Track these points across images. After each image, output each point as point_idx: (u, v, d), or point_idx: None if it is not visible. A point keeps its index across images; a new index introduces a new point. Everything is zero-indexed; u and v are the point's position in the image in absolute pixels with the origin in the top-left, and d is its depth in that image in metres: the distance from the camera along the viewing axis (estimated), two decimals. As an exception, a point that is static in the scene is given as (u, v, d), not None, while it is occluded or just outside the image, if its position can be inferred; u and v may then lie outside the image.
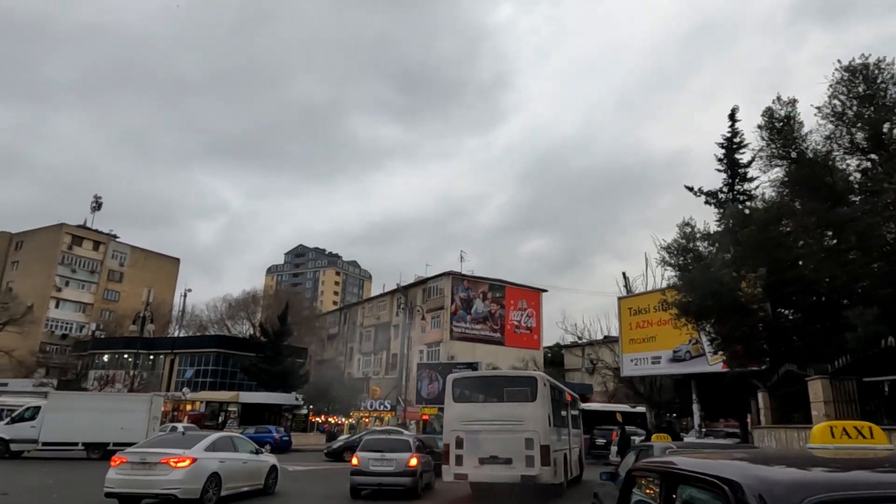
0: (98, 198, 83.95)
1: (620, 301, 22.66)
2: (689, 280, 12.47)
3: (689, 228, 12.96)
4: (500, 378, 14.61)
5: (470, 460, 12.67)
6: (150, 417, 24.55)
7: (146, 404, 25.08)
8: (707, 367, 18.77)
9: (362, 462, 13.79)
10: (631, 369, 21.50)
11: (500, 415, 12.78)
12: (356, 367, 64.50)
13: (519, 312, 55.99)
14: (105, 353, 54.05)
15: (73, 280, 75.86)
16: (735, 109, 23.43)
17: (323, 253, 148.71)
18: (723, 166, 22.96)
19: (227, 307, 68.23)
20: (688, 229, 12.93)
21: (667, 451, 6.21)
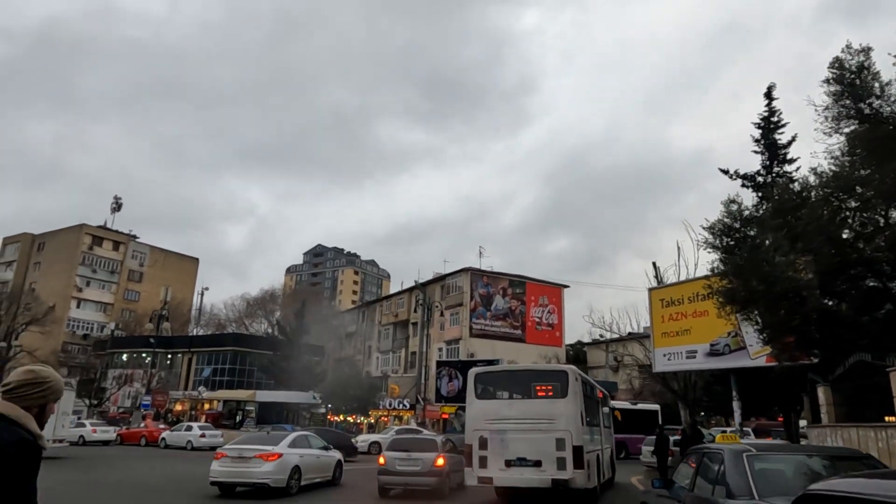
0: (118, 199, 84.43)
1: (651, 292, 21.32)
2: (736, 264, 11.19)
3: (734, 206, 11.67)
4: (527, 372, 13.42)
5: (495, 462, 11.55)
6: (59, 413, 22.41)
7: None
8: (749, 362, 17.41)
9: (389, 461, 13.64)
10: (664, 364, 20.16)
11: (529, 412, 11.63)
12: (374, 366, 63.69)
13: (540, 309, 54.65)
14: (124, 352, 53.95)
15: (93, 280, 76.32)
16: (772, 87, 22.00)
17: (341, 252, 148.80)
18: (760, 147, 21.53)
19: (246, 306, 67.98)
20: (734, 207, 11.64)
21: (745, 455, 5.05)
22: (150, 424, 36.87)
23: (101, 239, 78.25)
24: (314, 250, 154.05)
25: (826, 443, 11.01)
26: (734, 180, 21.33)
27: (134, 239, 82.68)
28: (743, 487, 4.77)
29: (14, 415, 2.31)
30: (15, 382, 2.40)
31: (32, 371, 2.48)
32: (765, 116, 21.59)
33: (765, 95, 21.99)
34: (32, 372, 2.47)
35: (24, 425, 2.32)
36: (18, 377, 2.43)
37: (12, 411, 2.32)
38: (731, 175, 21.29)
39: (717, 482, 5.26)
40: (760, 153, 21.39)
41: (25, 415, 2.34)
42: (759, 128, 21.72)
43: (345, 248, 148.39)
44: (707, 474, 5.78)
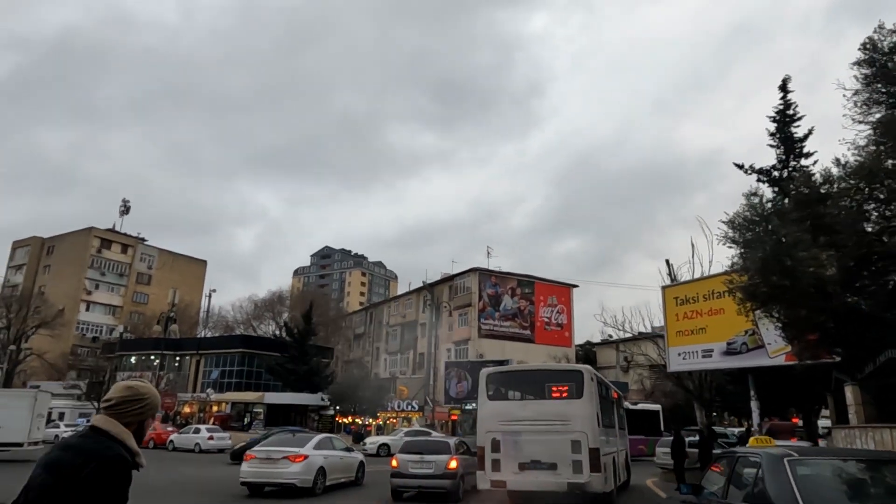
0: (126, 202, 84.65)
1: (665, 290, 20.84)
2: (757, 259, 10.73)
3: (756, 199, 11.22)
4: (541, 372, 13.03)
5: (508, 465, 11.17)
6: (35, 416, 22.32)
7: (29, 401, 22.81)
8: (767, 361, 16.90)
9: (401, 464, 13.63)
10: (678, 364, 19.68)
11: (543, 414, 11.24)
12: (383, 367, 63.40)
13: (549, 309, 54.15)
14: (132, 354, 53.95)
15: (102, 283, 76.52)
16: (787, 79, 21.46)
17: (349, 254, 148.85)
18: (776, 141, 21.02)
19: (253, 308, 67.91)
20: (755, 200, 11.19)
21: (786, 460, 4.63)
22: (159, 427, 36.71)
23: (110, 242, 78.48)
24: (321, 252, 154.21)
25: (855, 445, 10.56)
26: (749, 175, 20.86)
27: (142, 242, 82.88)
28: (785, 497, 4.34)
29: (115, 431, 2.31)
30: (116, 399, 2.40)
31: (132, 387, 2.47)
32: (780, 109, 21.08)
33: (780, 88, 21.48)
34: (132, 388, 2.46)
35: (124, 441, 2.32)
36: (119, 393, 2.42)
37: (113, 427, 2.32)
38: (746, 170, 20.81)
39: (754, 490, 4.84)
40: (776, 147, 20.88)
41: (125, 431, 2.34)
42: (775, 121, 21.22)
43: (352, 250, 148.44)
44: (741, 481, 5.36)
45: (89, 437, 2.31)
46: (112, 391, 2.46)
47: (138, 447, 2.39)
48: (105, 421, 2.34)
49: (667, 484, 18.38)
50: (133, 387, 2.48)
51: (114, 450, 2.26)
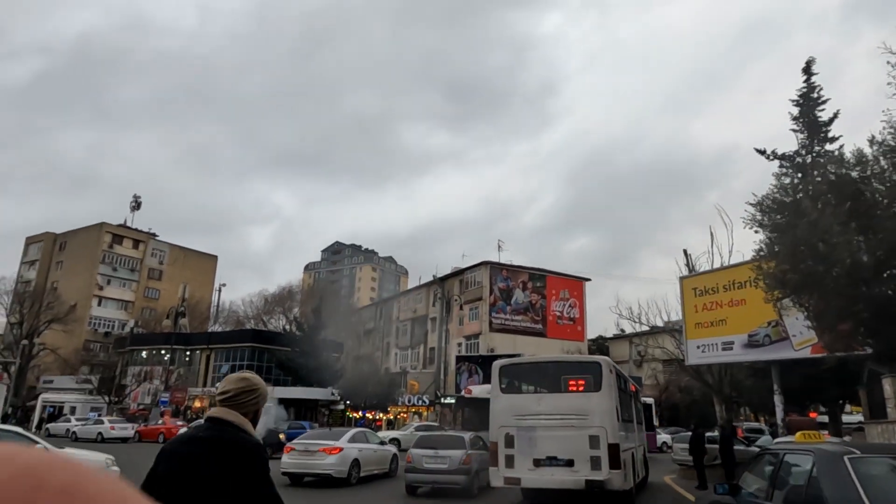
0: (137, 197, 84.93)
1: (683, 281, 20.14)
2: (789, 243, 10.07)
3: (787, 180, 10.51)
4: (556, 364, 12.43)
5: (523, 462, 10.63)
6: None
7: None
8: (792, 353, 16.20)
9: (415, 459, 13.53)
10: (697, 357, 19.01)
11: (559, 408, 10.67)
12: (393, 362, 63.08)
13: (561, 303, 53.46)
14: (143, 349, 54.02)
15: (114, 278, 76.79)
16: (811, 61, 20.62)
17: (359, 249, 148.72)
18: (799, 125, 20.22)
19: (264, 302, 67.83)
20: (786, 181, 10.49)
21: (847, 458, 4.04)
22: (169, 421, 36.59)
23: (121, 237, 78.72)
24: (332, 248, 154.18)
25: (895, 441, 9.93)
26: (771, 161, 20.09)
27: (153, 237, 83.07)
28: (849, 500, 3.77)
29: (238, 421, 2.38)
30: (234, 390, 2.45)
31: (246, 378, 2.53)
32: (804, 93, 20.27)
33: (803, 71, 20.65)
34: (246, 379, 2.52)
35: (248, 431, 2.39)
36: (236, 385, 2.48)
37: (236, 418, 2.39)
38: (769, 155, 20.04)
39: (807, 492, 4.26)
40: (799, 131, 20.10)
41: (246, 421, 2.42)
42: (798, 105, 20.42)
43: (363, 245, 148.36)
44: (788, 481, 4.78)
45: (215, 428, 2.36)
46: (228, 383, 2.51)
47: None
48: (226, 412, 2.40)
49: (686, 482, 17.76)
50: (247, 378, 2.54)
51: (251, 439, 2.36)
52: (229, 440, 2.29)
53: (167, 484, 2.20)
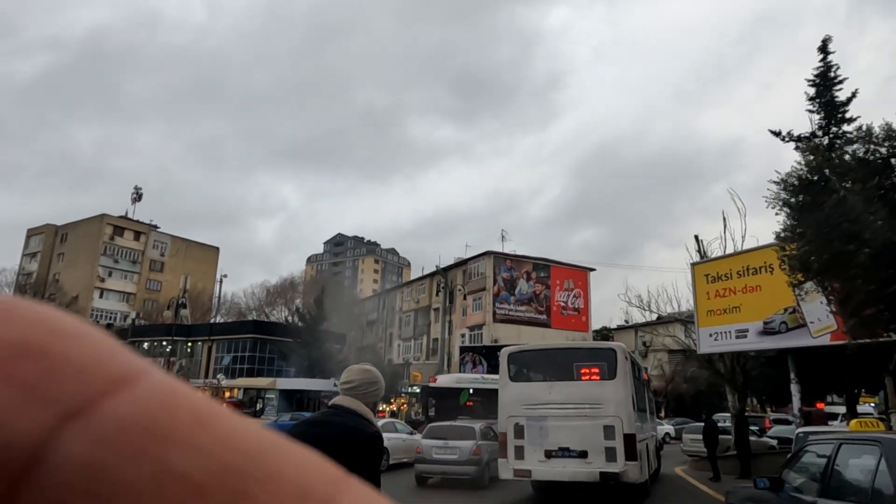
0: (138, 189, 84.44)
1: (694, 267, 19.54)
2: (815, 223, 9.47)
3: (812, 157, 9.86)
4: (568, 351, 11.86)
5: (534, 453, 10.11)
6: None
7: None
8: (810, 341, 15.61)
9: (425, 450, 13.42)
10: (710, 345, 18.44)
11: (572, 396, 10.13)
12: (396, 353, 62.71)
13: (566, 293, 52.90)
14: (144, 340, 53.67)
15: (115, 270, 76.48)
16: (827, 40, 19.86)
17: (362, 242, 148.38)
18: (815, 106, 19.48)
19: (266, 294, 67.43)
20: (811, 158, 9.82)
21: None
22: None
23: (123, 229, 78.33)
24: (334, 239, 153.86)
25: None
26: (787, 142, 19.32)
27: (155, 229, 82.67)
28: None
29: (361, 410, 2.48)
30: (357, 381, 2.55)
31: (368, 370, 2.63)
32: (821, 72, 19.50)
33: (819, 50, 19.86)
34: (368, 371, 2.62)
35: (371, 420, 2.51)
36: (360, 376, 2.57)
37: (359, 407, 2.49)
38: (784, 136, 19.30)
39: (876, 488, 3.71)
40: (815, 112, 19.35)
41: (368, 410, 2.52)
42: (814, 85, 19.67)
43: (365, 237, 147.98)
44: (846, 476, 4.23)
45: (341, 415, 2.45)
46: (351, 374, 2.60)
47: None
48: (350, 401, 2.49)
49: (698, 473, 17.27)
50: (369, 370, 2.64)
51: (373, 427, 2.47)
52: (354, 427, 2.40)
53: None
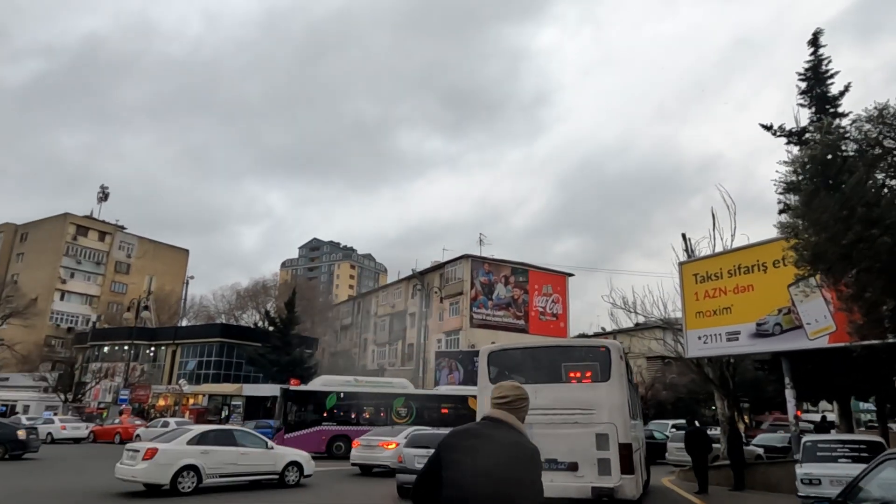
0: (104, 188, 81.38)
1: (682, 267, 18.60)
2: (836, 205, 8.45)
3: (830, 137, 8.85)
4: (556, 349, 10.62)
5: (516, 466, 8.87)
6: None
7: None
8: (807, 343, 14.71)
9: (406, 459, 13.01)
10: (698, 349, 17.47)
11: (560, 401, 8.94)
12: (371, 359, 61.03)
13: (544, 298, 51.97)
14: (105, 344, 51.12)
15: (78, 272, 73.38)
16: (818, 33, 19.28)
17: (337, 246, 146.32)
18: (806, 100, 18.85)
19: (236, 297, 65.18)
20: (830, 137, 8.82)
21: None
22: (126, 420, 34.14)
23: (87, 229, 75.28)
24: (310, 244, 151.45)
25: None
26: (778, 137, 18.69)
27: (121, 229, 79.71)
28: None
29: (517, 426, 2.62)
30: (512, 396, 2.69)
31: (519, 387, 2.77)
32: (812, 66, 18.89)
33: (809, 43, 19.31)
34: (519, 388, 2.76)
35: (525, 434, 2.63)
36: (514, 392, 2.71)
37: (515, 422, 2.62)
38: (775, 131, 18.63)
39: None
40: (807, 106, 18.73)
41: (522, 426, 2.65)
42: (805, 79, 19.06)
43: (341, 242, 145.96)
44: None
45: (498, 428, 2.56)
46: (504, 390, 2.72)
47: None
48: (506, 415, 2.61)
49: (688, 484, 16.19)
50: (519, 386, 2.77)
51: (531, 442, 2.57)
52: (517, 440, 2.50)
53: (455, 471, 2.38)
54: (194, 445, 13.07)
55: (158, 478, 12.45)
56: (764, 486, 14.31)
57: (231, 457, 13.52)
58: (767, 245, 16.25)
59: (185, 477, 12.66)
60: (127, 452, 13.05)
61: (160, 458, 12.42)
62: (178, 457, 12.67)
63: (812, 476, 9.34)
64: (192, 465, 12.77)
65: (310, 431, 24.09)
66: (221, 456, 13.34)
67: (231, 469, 13.51)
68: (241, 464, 13.73)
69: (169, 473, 12.44)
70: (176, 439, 13.18)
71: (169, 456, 12.56)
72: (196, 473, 12.81)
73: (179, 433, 13.72)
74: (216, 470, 13.19)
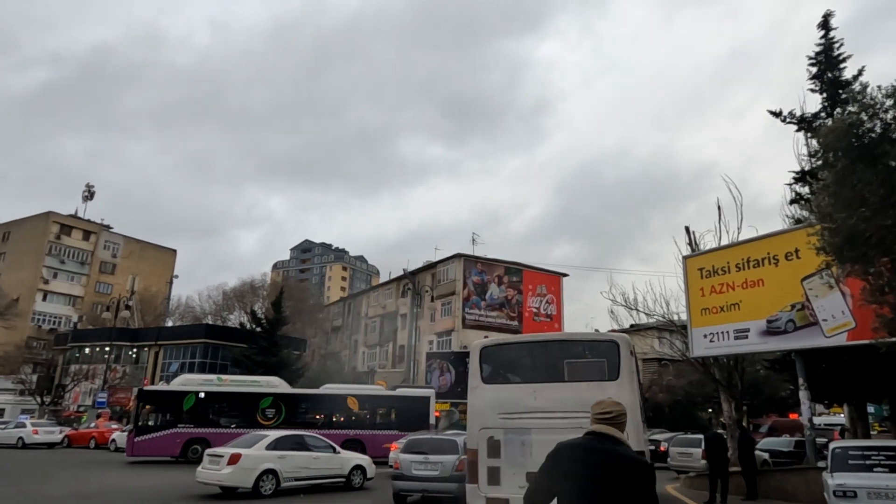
0: (90, 186, 79.73)
1: (686, 261, 17.53)
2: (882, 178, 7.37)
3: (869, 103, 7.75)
4: (557, 344, 9.40)
5: (513, 477, 7.71)
6: None
7: None
8: (823, 341, 13.66)
9: (403, 465, 12.42)
10: (705, 348, 16.39)
11: (562, 402, 7.79)
12: (361, 361, 59.72)
13: (538, 298, 50.90)
14: (85, 345, 49.55)
15: (61, 272, 71.62)
16: (829, 15, 18.31)
17: (329, 248, 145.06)
18: (817, 85, 17.88)
19: (222, 297, 63.70)
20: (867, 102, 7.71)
21: None
22: (103, 425, 32.69)
23: (70, 228, 73.55)
24: (301, 246, 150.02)
25: None
26: (787, 123, 17.70)
27: (107, 229, 78.02)
28: None
29: (623, 439, 2.68)
30: (615, 412, 2.74)
31: (619, 403, 2.82)
32: (823, 49, 17.91)
33: (820, 26, 18.35)
34: (619, 404, 2.81)
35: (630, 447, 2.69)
36: (615, 407, 2.77)
37: (621, 436, 2.68)
38: (784, 117, 17.64)
39: None
40: (818, 92, 17.74)
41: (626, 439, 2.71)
42: (814, 64, 18.09)
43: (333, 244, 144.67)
44: None
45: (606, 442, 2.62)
46: (606, 406, 2.76)
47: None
48: (611, 430, 2.67)
49: (693, 492, 15.10)
50: (619, 402, 2.82)
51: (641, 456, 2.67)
52: (630, 454, 2.58)
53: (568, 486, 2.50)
54: (272, 451, 13.80)
55: (242, 481, 13.10)
56: (779, 494, 13.23)
57: (304, 461, 14.24)
58: (779, 236, 15.22)
59: (266, 480, 13.40)
60: (208, 457, 13.65)
61: (244, 462, 13.09)
62: (260, 461, 13.41)
63: (847, 487, 8.28)
64: (272, 470, 13.54)
65: (163, 434, 22.64)
66: (296, 460, 14.10)
67: (304, 472, 14.18)
68: (313, 467, 14.40)
69: (252, 477, 13.15)
70: (255, 445, 13.82)
71: (251, 461, 13.26)
72: (275, 477, 13.57)
73: (256, 439, 14.38)
74: (292, 473, 13.93)
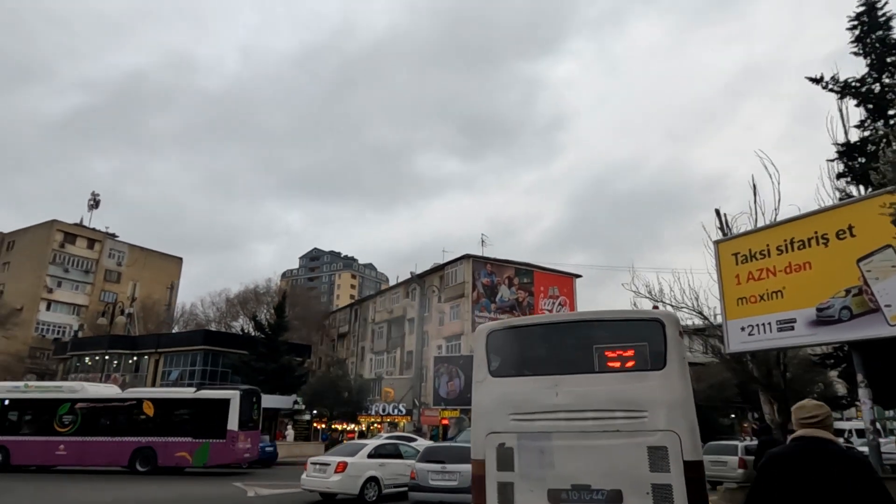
0: (95, 195, 79.10)
1: (718, 246, 15.66)
2: None
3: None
4: (584, 325, 7.37)
5: (529, 494, 5.92)
6: None
7: None
8: (888, 330, 11.76)
9: (420, 475, 12.32)
10: (742, 341, 14.50)
11: (593, 399, 6.00)
12: (368, 368, 58.02)
13: (550, 300, 49.00)
14: (85, 354, 48.33)
15: (65, 280, 70.75)
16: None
17: (338, 256, 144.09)
18: (860, 48, 16.07)
19: (226, 304, 62.38)
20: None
21: None
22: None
23: (75, 237, 72.80)
24: (310, 254, 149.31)
25: None
26: (827, 90, 15.85)
27: (112, 237, 77.20)
28: None
29: (837, 439, 2.73)
30: (822, 414, 2.81)
31: (823, 405, 2.86)
32: (865, 9, 16.10)
33: (860, -16, 16.54)
34: (823, 405, 2.86)
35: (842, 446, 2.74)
36: (821, 410, 2.83)
37: (834, 438, 2.74)
38: (826, 83, 15.80)
39: None
40: (863, 55, 15.92)
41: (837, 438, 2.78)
42: (856, 26, 16.28)
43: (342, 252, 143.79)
44: None
45: (827, 446, 2.70)
46: (811, 409, 2.85)
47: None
48: (823, 432, 2.74)
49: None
50: (823, 405, 2.87)
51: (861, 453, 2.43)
52: (857, 455, 2.63)
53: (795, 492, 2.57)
54: (373, 459, 14.56)
55: (349, 488, 13.80)
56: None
57: (400, 468, 14.64)
58: (828, 212, 13.36)
59: (370, 487, 14.11)
60: (313, 466, 14.34)
61: (350, 470, 13.81)
62: (364, 469, 14.16)
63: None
64: (374, 477, 14.25)
65: None
66: (393, 468, 14.70)
67: (400, 480, 14.40)
68: (406, 474, 14.47)
69: (358, 484, 13.88)
70: (357, 453, 14.52)
71: (357, 468, 14.02)
72: (377, 484, 14.26)
73: (356, 447, 15.16)
74: (391, 481, 14.50)
